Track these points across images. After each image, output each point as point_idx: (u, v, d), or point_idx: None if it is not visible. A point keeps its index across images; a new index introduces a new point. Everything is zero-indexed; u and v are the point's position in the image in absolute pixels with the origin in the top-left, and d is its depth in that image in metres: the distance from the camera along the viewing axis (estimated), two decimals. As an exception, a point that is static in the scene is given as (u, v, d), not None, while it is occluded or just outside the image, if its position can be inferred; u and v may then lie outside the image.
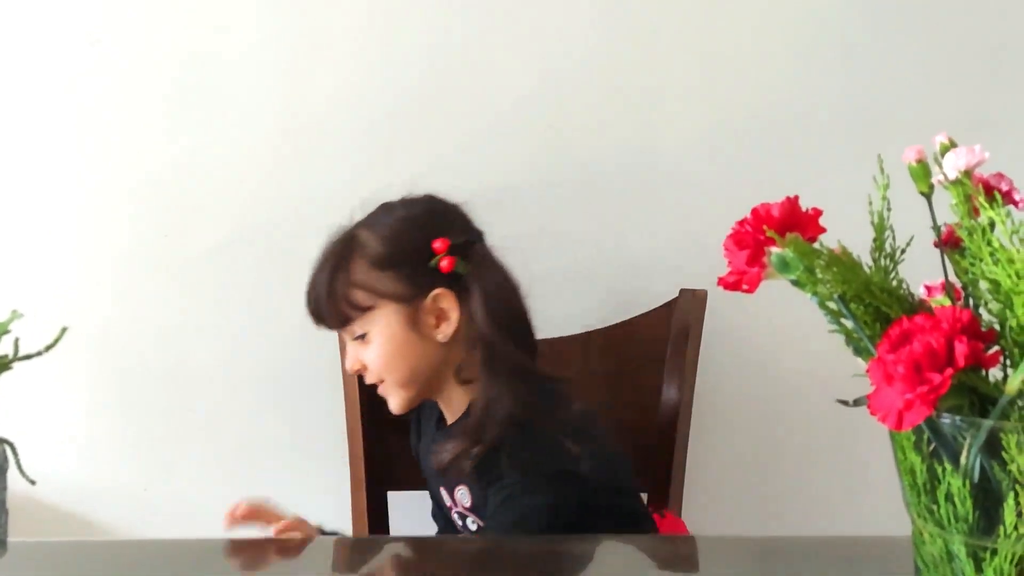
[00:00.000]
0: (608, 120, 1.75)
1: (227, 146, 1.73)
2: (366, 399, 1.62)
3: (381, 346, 1.32)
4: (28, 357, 0.79)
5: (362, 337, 1.34)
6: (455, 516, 1.37)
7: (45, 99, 1.71)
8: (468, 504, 1.33)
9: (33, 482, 0.79)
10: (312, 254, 1.73)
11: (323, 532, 1.31)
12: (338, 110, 1.74)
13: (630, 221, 1.76)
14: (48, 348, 0.79)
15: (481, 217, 1.75)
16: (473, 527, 1.33)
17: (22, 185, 1.72)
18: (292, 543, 1.18)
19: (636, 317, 1.69)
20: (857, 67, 1.75)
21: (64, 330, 0.80)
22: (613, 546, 1.11)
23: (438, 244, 1.33)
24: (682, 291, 1.66)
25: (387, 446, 1.64)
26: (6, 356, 0.78)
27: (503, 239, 1.76)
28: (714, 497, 1.77)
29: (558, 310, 1.74)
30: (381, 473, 1.62)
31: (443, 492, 1.39)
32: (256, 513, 1.28)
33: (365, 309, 1.33)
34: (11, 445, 0.78)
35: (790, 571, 1.01)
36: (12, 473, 0.79)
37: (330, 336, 1.69)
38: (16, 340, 0.78)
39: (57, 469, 1.73)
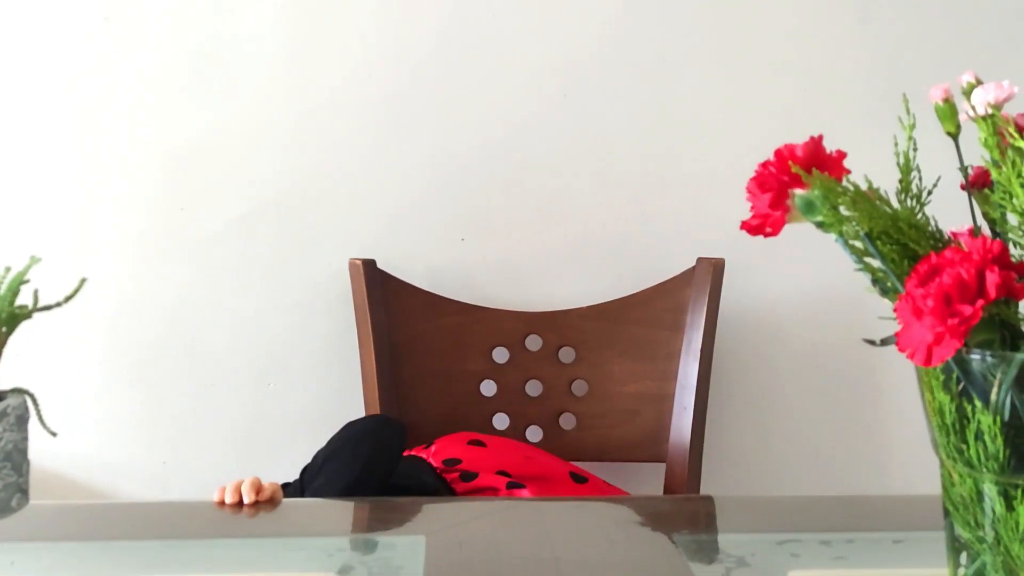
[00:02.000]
0: (624, 90, 1.75)
1: (243, 123, 1.73)
2: (383, 373, 1.62)
3: None
4: (48, 308, 0.78)
5: None
6: None
7: (64, 77, 1.71)
8: None
9: (54, 433, 0.79)
10: (324, 230, 1.74)
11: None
12: (352, 88, 1.73)
13: (647, 191, 1.76)
14: (68, 299, 0.79)
15: (499, 190, 1.75)
16: None
17: (40, 162, 1.72)
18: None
19: (654, 286, 1.68)
20: (876, 14, 1.74)
21: (83, 281, 0.79)
22: (631, 504, 1.10)
23: None
24: (699, 260, 1.66)
25: (402, 419, 1.64)
26: (25, 306, 0.77)
27: (521, 211, 1.76)
28: (732, 462, 1.77)
29: (577, 281, 1.74)
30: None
31: None
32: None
33: None
34: (31, 395, 0.78)
35: (814, 527, 1.01)
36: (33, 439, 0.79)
37: (345, 310, 1.69)
38: (36, 291, 0.78)
39: (76, 444, 1.73)
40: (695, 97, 1.75)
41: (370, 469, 1.29)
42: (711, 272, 1.62)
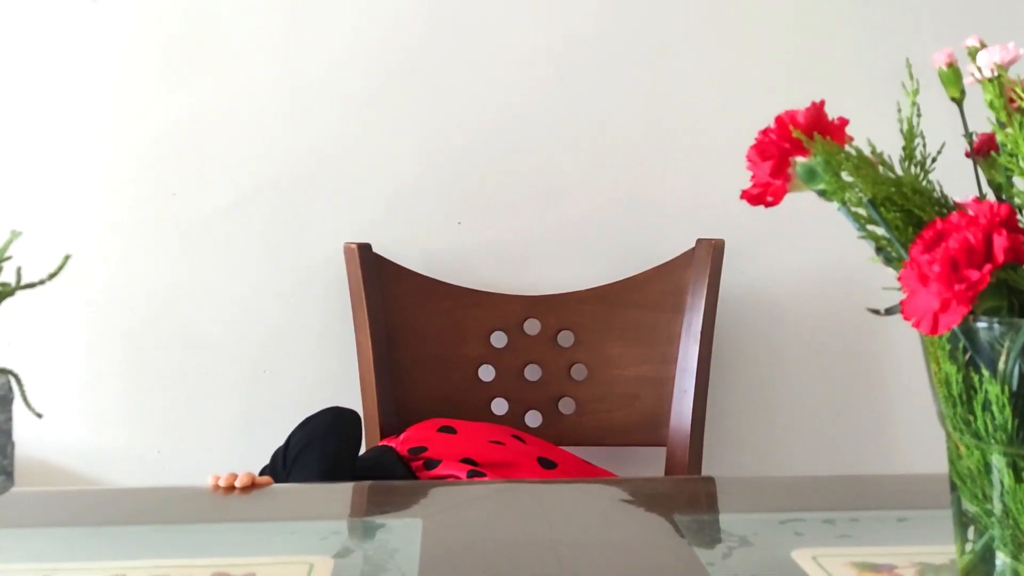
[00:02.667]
0: (621, 71, 1.73)
1: (235, 107, 1.71)
2: (379, 358, 1.60)
3: None
4: (31, 285, 0.76)
5: None
6: None
7: (49, 60, 1.69)
8: None
9: (40, 415, 0.77)
10: (319, 214, 1.72)
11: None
12: (347, 70, 1.72)
13: (645, 172, 1.74)
14: (51, 276, 0.77)
15: (496, 172, 1.73)
16: None
17: (27, 148, 1.70)
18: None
19: (653, 268, 1.67)
20: None
21: (67, 258, 0.77)
22: (631, 485, 1.09)
23: None
24: (699, 241, 1.64)
25: (399, 406, 1.63)
26: (8, 284, 0.75)
27: (518, 193, 1.74)
28: (734, 445, 1.75)
29: (575, 264, 1.72)
30: (393, 432, 1.61)
31: None
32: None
33: None
34: (15, 375, 0.76)
35: (817, 506, 0.99)
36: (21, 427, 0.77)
37: (340, 295, 1.67)
38: (19, 268, 0.76)
39: (66, 433, 1.72)
40: (692, 77, 1.73)
41: (339, 461, 1.31)
42: (711, 253, 1.60)
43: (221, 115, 1.71)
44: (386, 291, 1.64)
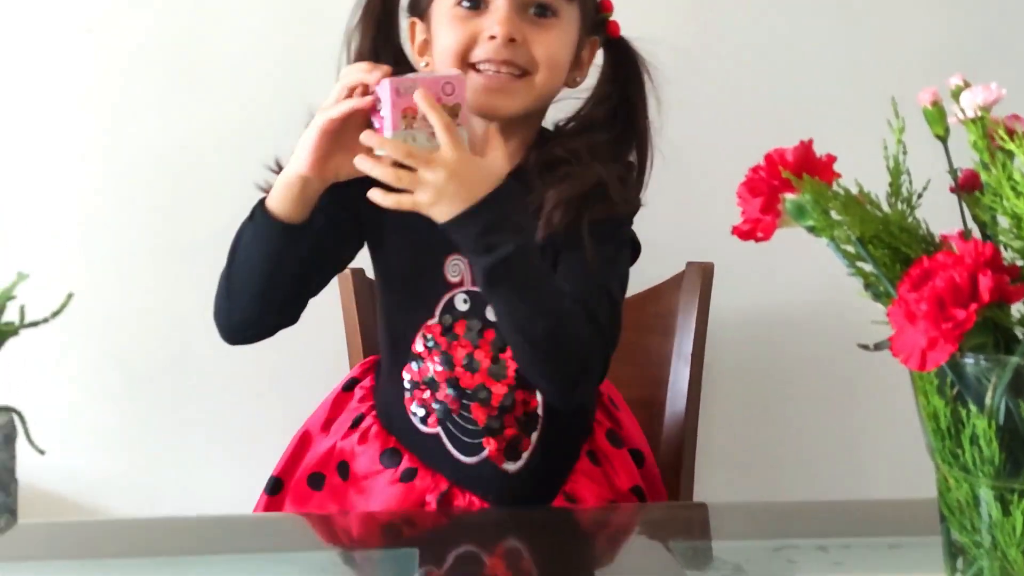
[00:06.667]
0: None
1: (228, 131, 1.72)
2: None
3: (560, 38, 1.17)
4: (35, 324, 0.77)
5: (545, 12, 1.16)
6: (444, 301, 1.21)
7: (43, 88, 1.70)
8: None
9: (42, 452, 0.78)
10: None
11: None
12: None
13: (635, 196, 1.75)
14: (55, 314, 0.78)
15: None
16: (464, 307, 1.21)
17: (23, 175, 1.71)
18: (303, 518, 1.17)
19: (643, 292, 1.68)
20: (866, 14, 1.75)
21: (70, 296, 0.78)
22: (625, 513, 1.10)
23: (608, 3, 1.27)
24: (689, 264, 1.65)
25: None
26: (12, 323, 0.76)
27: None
28: (726, 468, 1.76)
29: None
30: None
31: (466, 266, 1.19)
32: None
33: None
34: (19, 413, 0.77)
35: (810, 533, 1.00)
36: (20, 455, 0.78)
37: (335, 321, 1.68)
38: (22, 307, 0.77)
39: (62, 459, 1.71)
40: (681, 102, 1.74)
41: None
42: (700, 276, 1.61)
43: (215, 140, 1.72)
44: (379, 316, 1.65)
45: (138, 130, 1.71)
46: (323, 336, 1.68)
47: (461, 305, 1.20)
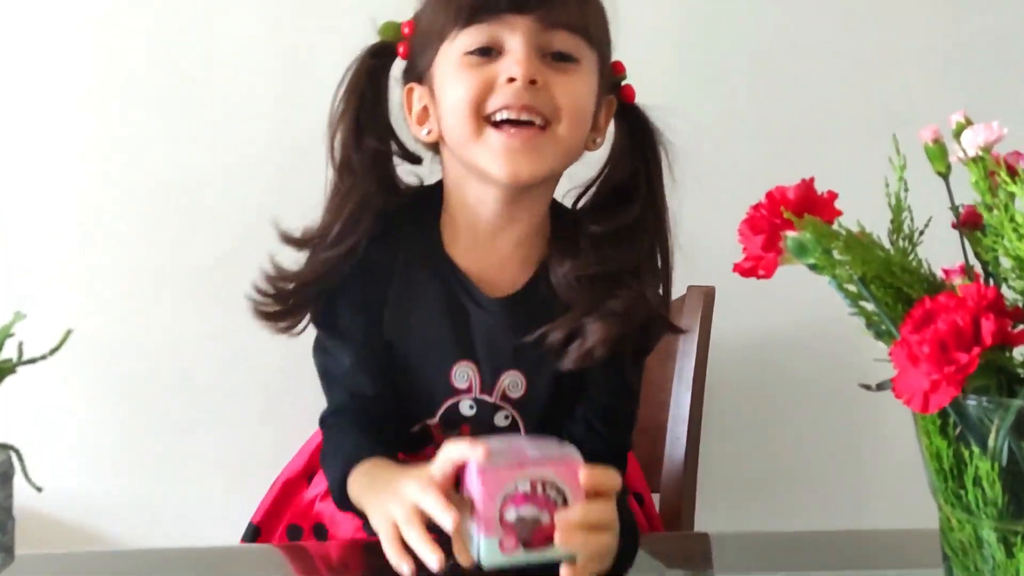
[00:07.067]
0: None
1: (231, 153, 1.72)
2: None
3: (583, 85, 1.06)
4: (32, 361, 0.77)
5: (566, 60, 1.05)
6: (469, 407, 1.15)
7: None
8: (521, 393, 1.13)
9: (39, 489, 0.77)
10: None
11: None
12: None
13: (636, 219, 1.75)
14: (53, 351, 0.78)
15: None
16: (505, 423, 1.14)
17: (26, 195, 1.71)
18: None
19: (644, 315, 1.67)
20: (866, 51, 1.75)
21: (68, 332, 0.78)
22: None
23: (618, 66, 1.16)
24: (690, 288, 1.65)
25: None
26: (9, 360, 0.76)
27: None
28: (727, 493, 1.75)
29: (565, 310, 1.72)
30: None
31: (476, 375, 1.14)
32: None
33: (590, 39, 1.07)
34: (16, 451, 0.76)
35: (812, 565, 1.00)
36: (18, 481, 0.78)
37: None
38: (20, 344, 0.77)
39: (62, 481, 1.71)
40: (684, 127, 1.75)
41: None
42: (702, 300, 1.61)
43: (218, 166, 1.72)
44: (379, 339, 1.64)
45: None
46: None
47: (467, 410, 1.13)
